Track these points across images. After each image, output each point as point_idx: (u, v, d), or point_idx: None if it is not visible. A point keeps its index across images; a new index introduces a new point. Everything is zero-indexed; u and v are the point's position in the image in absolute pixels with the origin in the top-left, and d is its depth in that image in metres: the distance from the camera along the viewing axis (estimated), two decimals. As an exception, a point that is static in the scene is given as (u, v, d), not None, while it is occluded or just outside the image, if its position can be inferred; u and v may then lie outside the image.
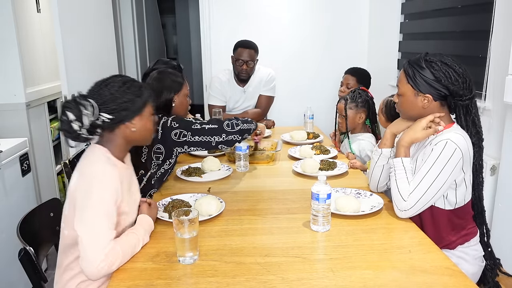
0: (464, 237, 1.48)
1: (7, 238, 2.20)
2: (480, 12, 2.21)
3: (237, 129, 1.76)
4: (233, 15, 3.62)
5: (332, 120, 3.38)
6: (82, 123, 1.22)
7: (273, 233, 1.38)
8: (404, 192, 1.41)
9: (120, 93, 1.28)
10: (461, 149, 1.36)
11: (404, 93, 1.47)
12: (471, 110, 1.44)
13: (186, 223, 1.17)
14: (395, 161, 1.47)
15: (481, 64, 2.10)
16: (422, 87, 1.42)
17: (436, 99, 1.43)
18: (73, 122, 1.21)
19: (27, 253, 1.32)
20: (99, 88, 1.28)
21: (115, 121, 1.28)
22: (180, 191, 1.73)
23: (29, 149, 2.53)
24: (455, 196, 1.44)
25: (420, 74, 1.41)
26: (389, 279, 1.11)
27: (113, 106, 1.26)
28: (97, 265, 1.13)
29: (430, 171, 1.38)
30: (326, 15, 3.67)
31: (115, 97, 1.27)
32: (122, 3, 4.45)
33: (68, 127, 1.22)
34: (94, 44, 3.07)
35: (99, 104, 1.25)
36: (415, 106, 1.46)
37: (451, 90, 1.39)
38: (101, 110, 1.25)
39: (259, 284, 1.09)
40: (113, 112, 1.27)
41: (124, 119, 1.29)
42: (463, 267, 1.40)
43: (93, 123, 1.25)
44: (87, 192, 1.20)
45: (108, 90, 1.27)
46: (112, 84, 1.28)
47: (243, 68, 2.85)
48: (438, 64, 1.40)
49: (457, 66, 1.40)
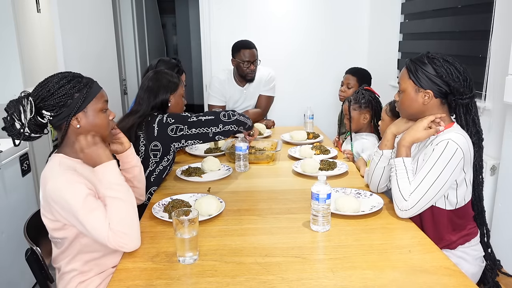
0: (465, 237, 1.48)
1: (8, 238, 2.21)
2: (480, 12, 2.21)
3: (234, 119, 1.78)
4: (233, 15, 3.62)
5: (332, 120, 3.39)
6: (22, 122, 1.23)
7: (273, 233, 1.38)
8: (405, 192, 1.41)
9: (56, 89, 1.25)
10: (462, 149, 1.36)
11: (405, 89, 1.47)
12: (471, 109, 1.45)
13: (186, 223, 1.17)
14: (396, 161, 1.47)
15: (481, 64, 2.10)
16: (423, 82, 1.42)
17: (437, 96, 1.43)
18: (16, 122, 1.22)
19: (34, 253, 1.32)
20: (39, 86, 1.27)
21: (58, 118, 1.26)
22: (180, 191, 1.73)
23: (29, 149, 2.53)
24: (456, 196, 1.44)
25: (422, 69, 1.42)
26: (389, 279, 1.11)
27: (51, 102, 1.25)
28: (115, 240, 1.19)
29: (431, 171, 1.38)
30: (326, 15, 3.67)
31: (51, 93, 1.25)
32: (122, 3, 4.45)
33: (9, 125, 1.24)
34: (94, 44, 3.07)
35: (38, 101, 1.24)
36: (415, 102, 1.46)
37: (452, 86, 1.40)
38: (41, 107, 1.24)
39: (259, 284, 1.09)
40: (53, 109, 1.25)
41: (67, 116, 1.27)
42: (463, 267, 1.41)
43: (37, 122, 1.25)
44: (63, 203, 1.20)
45: (46, 87, 1.26)
46: (50, 80, 1.27)
47: (250, 68, 2.85)
48: (440, 60, 1.41)
49: (458, 64, 1.41)
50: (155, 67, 2.30)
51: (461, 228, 1.48)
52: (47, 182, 1.23)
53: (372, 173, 1.64)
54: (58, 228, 1.27)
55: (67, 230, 1.27)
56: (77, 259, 1.31)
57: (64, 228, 1.27)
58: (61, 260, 1.32)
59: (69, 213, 1.21)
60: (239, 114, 1.83)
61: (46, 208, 1.26)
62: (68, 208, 1.20)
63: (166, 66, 2.30)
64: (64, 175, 1.23)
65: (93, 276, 1.33)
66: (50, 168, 1.27)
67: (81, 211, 1.19)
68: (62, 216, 1.23)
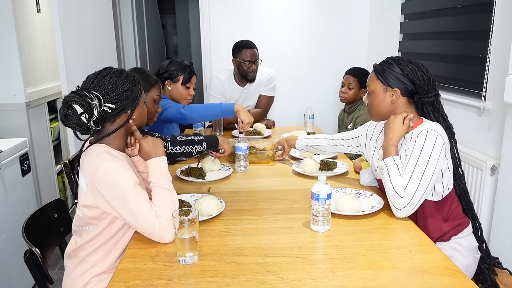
0: (457, 227, 1.51)
1: (7, 239, 2.20)
2: (480, 12, 2.21)
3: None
4: (233, 15, 3.62)
5: (332, 120, 3.39)
6: (92, 115, 1.27)
7: (273, 233, 1.38)
8: (399, 188, 1.42)
9: (120, 83, 1.33)
10: (442, 136, 1.42)
11: (373, 90, 1.54)
12: (438, 107, 1.51)
13: (186, 223, 1.17)
14: (387, 161, 1.47)
15: (481, 64, 2.10)
16: (391, 81, 1.50)
17: (404, 95, 1.50)
18: (82, 115, 1.26)
19: (33, 254, 1.32)
20: (98, 80, 1.32)
21: (117, 110, 1.33)
22: (180, 191, 1.73)
23: (29, 149, 2.53)
24: (442, 186, 1.47)
25: (389, 69, 1.51)
26: (389, 279, 1.11)
27: (116, 96, 1.32)
28: (160, 227, 1.26)
29: (418, 162, 1.40)
30: (326, 15, 3.67)
31: (116, 87, 1.32)
32: (122, 3, 4.45)
33: (77, 120, 1.26)
34: (94, 44, 3.07)
35: (102, 94, 1.30)
36: (384, 102, 1.52)
37: (417, 85, 1.47)
38: (104, 100, 1.30)
39: (259, 284, 1.09)
40: (116, 101, 1.32)
41: (125, 108, 1.35)
42: (457, 259, 1.45)
43: (101, 115, 1.30)
44: (115, 187, 1.25)
45: (108, 81, 1.32)
46: (111, 75, 1.33)
47: (252, 68, 2.86)
48: (405, 61, 1.50)
49: (421, 65, 1.50)
50: (167, 67, 2.30)
51: (451, 218, 1.51)
52: (99, 167, 1.26)
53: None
54: (94, 217, 1.30)
55: (102, 220, 1.31)
56: (100, 250, 1.34)
57: (101, 218, 1.30)
58: (82, 250, 1.35)
59: (118, 199, 1.25)
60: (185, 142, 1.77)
61: (89, 195, 1.28)
62: (119, 192, 1.25)
63: (177, 67, 2.30)
64: (115, 161, 1.28)
65: (108, 270, 1.35)
66: (98, 156, 1.30)
67: (131, 197, 1.25)
68: (108, 202, 1.26)
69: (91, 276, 1.33)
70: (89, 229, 1.33)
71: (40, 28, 3.06)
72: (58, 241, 1.62)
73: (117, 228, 1.33)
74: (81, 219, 1.33)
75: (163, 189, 1.34)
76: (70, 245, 1.39)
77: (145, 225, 1.26)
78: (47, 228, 1.57)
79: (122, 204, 1.26)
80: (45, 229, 1.55)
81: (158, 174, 1.37)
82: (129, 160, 1.42)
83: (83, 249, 1.35)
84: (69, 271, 1.38)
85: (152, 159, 1.41)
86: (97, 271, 1.34)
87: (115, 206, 1.27)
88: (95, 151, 1.32)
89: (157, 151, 1.42)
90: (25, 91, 2.71)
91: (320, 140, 1.98)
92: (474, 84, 2.23)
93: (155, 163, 1.40)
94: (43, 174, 2.98)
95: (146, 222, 1.26)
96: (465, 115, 2.26)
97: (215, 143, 1.87)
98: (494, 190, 2.01)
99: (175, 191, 1.38)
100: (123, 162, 1.31)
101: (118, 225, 1.33)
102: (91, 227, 1.33)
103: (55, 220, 1.62)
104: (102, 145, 1.34)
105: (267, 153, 2.17)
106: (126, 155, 1.43)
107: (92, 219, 1.31)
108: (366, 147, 1.75)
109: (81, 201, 1.31)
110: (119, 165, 1.28)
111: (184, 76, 2.30)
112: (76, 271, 1.35)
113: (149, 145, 1.42)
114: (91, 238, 1.33)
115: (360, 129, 1.82)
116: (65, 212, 1.67)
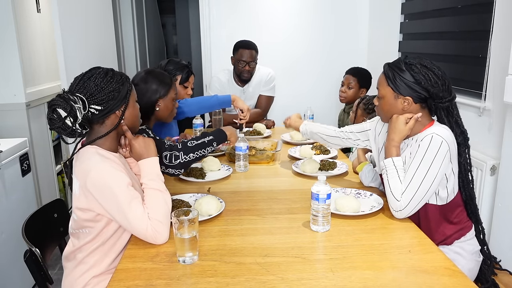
0: (460, 231, 1.49)
1: (7, 239, 2.20)
2: (480, 12, 2.21)
3: (176, 162, 1.67)
4: (233, 15, 3.62)
5: (332, 120, 3.39)
6: (76, 118, 1.24)
7: (273, 233, 1.38)
8: (396, 192, 1.41)
9: (105, 84, 1.30)
10: (447, 141, 1.38)
11: (384, 95, 1.47)
12: (452, 112, 1.45)
13: (186, 223, 1.17)
14: (386, 162, 1.47)
15: (481, 64, 2.10)
16: (402, 89, 1.42)
17: (416, 102, 1.43)
18: (66, 119, 1.23)
19: (33, 254, 1.32)
20: (83, 82, 1.29)
21: (104, 112, 1.30)
22: (180, 191, 1.73)
23: (29, 149, 2.53)
24: (447, 191, 1.44)
25: (400, 76, 1.42)
26: (389, 279, 1.11)
27: (101, 97, 1.29)
28: (152, 229, 1.25)
29: (420, 167, 1.38)
30: (326, 15, 3.67)
31: (101, 88, 1.29)
32: (122, 3, 4.45)
33: (61, 124, 1.24)
34: (94, 44, 3.06)
35: (87, 97, 1.27)
36: (395, 108, 1.46)
37: (431, 92, 1.40)
38: (89, 102, 1.28)
39: (259, 284, 1.09)
40: (102, 103, 1.29)
41: (113, 109, 1.32)
42: (460, 263, 1.42)
43: (84, 117, 1.27)
44: (106, 190, 1.24)
45: (93, 82, 1.29)
46: (96, 76, 1.31)
47: (245, 69, 2.85)
48: (418, 66, 1.40)
49: (436, 69, 1.41)
50: (165, 67, 2.30)
51: (455, 222, 1.48)
52: (90, 170, 1.25)
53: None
54: (89, 219, 1.29)
55: (97, 223, 1.30)
56: (97, 252, 1.33)
57: (95, 220, 1.29)
58: (80, 252, 1.34)
59: (110, 201, 1.24)
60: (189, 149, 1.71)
61: (82, 198, 1.27)
62: (111, 195, 1.23)
63: (175, 67, 2.29)
64: (106, 163, 1.27)
65: (107, 271, 1.35)
66: (89, 158, 1.29)
67: (123, 199, 1.24)
68: (101, 204, 1.25)
69: (90, 277, 1.33)
70: (86, 231, 1.32)
71: (40, 28, 3.05)
72: (58, 241, 1.62)
73: (114, 229, 1.33)
74: (77, 222, 1.33)
75: (155, 190, 1.33)
76: (68, 247, 1.39)
77: (138, 227, 1.25)
78: (47, 228, 1.57)
79: (115, 207, 1.25)
80: (45, 229, 1.55)
81: (150, 175, 1.35)
82: (123, 160, 1.41)
83: (80, 251, 1.34)
84: (68, 272, 1.37)
85: (144, 159, 1.38)
86: (96, 272, 1.33)
87: (108, 208, 1.26)
88: (87, 153, 1.31)
89: (149, 152, 1.40)
90: (25, 91, 2.71)
91: (328, 130, 1.92)
92: (474, 84, 2.23)
93: (147, 164, 1.38)
94: (43, 174, 2.98)
95: (138, 225, 1.25)
96: (465, 115, 2.23)
97: (224, 138, 1.85)
98: (494, 190, 2.01)
99: (168, 192, 1.36)
100: (115, 163, 1.30)
101: (114, 227, 1.32)
102: (87, 229, 1.32)
103: (55, 220, 1.62)
104: (93, 147, 1.32)
105: (267, 153, 2.17)
106: (120, 155, 1.42)
107: (87, 222, 1.30)
108: (374, 142, 1.69)
109: (75, 204, 1.30)
110: (110, 166, 1.26)
111: (182, 75, 2.30)
112: (75, 273, 1.35)
113: (140, 146, 1.39)
114: (88, 240, 1.32)
115: (369, 122, 1.75)
116: (65, 212, 1.67)
